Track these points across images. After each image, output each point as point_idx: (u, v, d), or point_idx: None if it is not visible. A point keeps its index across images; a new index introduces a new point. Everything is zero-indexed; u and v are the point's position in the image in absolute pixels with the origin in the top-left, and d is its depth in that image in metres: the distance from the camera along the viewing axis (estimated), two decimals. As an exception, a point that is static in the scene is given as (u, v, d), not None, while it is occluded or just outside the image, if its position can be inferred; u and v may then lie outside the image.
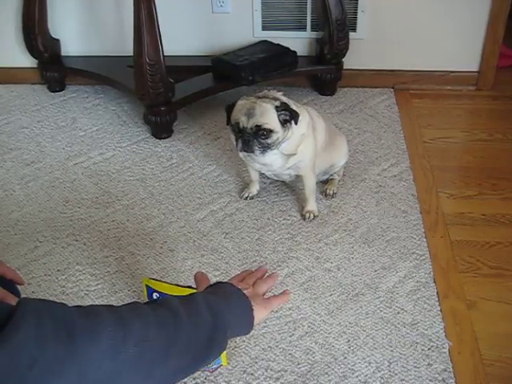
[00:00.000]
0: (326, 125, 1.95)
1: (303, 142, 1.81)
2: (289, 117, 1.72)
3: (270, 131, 1.69)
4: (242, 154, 1.84)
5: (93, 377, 0.80)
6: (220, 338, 1.00)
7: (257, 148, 1.71)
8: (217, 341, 0.99)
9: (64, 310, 0.83)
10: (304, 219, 1.92)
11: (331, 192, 2.01)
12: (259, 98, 1.74)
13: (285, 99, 1.78)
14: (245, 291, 1.12)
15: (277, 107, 1.70)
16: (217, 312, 1.00)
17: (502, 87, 2.68)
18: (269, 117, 1.69)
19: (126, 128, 2.44)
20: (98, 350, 0.80)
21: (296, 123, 1.73)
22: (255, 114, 1.69)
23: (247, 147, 1.72)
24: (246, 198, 2.01)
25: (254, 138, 1.70)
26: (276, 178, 2.02)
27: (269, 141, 1.71)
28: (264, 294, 1.20)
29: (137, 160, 2.24)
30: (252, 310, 1.08)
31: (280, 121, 1.71)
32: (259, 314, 1.11)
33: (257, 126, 1.68)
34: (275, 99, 1.74)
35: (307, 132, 1.81)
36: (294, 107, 1.77)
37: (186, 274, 1.71)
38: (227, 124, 1.79)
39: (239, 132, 1.72)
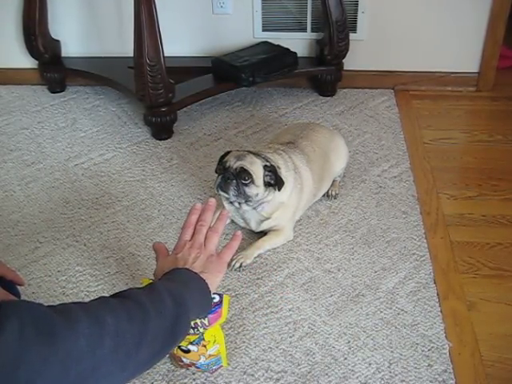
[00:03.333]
0: (314, 164, 1.89)
1: (280, 210, 1.80)
2: (273, 181, 1.71)
3: (252, 180, 1.68)
4: (227, 206, 1.80)
5: (75, 373, 0.84)
6: (183, 323, 1.06)
7: (233, 189, 1.68)
8: (181, 326, 1.05)
9: (42, 310, 0.85)
10: (228, 266, 1.56)
11: (333, 193, 2.01)
12: (253, 153, 1.74)
13: (280, 162, 1.77)
14: (198, 260, 1.20)
15: (265, 166, 1.71)
16: (178, 298, 1.05)
17: (502, 88, 2.68)
18: (256, 168, 1.69)
19: (127, 129, 2.44)
20: (77, 347, 0.84)
21: (279, 190, 1.73)
22: (244, 159, 1.69)
23: (224, 184, 1.69)
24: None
25: (235, 178, 1.68)
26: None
27: (247, 190, 1.69)
28: (216, 247, 1.28)
29: (137, 161, 2.24)
30: (210, 292, 1.16)
31: (264, 180, 1.71)
32: (215, 281, 1.21)
33: (242, 167, 1.68)
34: (267, 159, 1.74)
35: (287, 201, 1.80)
36: (283, 171, 1.76)
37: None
38: (216, 171, 1.77)
39: (223, 170, 1.71)
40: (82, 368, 0.84)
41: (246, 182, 1.69)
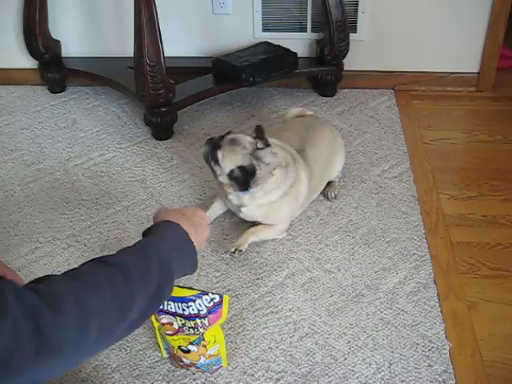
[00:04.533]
0: (315, 171, 1.90)
1: (272, 209, 1.80)
2: (238, 180, 1.72)
3: (219, 163, 1.72)
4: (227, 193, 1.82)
5: (64, 359, 0.86)
6: (165, 290, 1.06)
7: (210, 150, 1.75)
8: (161, 293, 1.05)
9: (31, 300, 0.84)
10: (228, 251, 1.77)
11: (333, 194, 2.01)
12: (249, 150, 1.73)
13: (282, 163, 1.77)
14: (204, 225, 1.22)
15: (240, 167, 1.71)
16: (165, 265, 1.05)
17: (502, 88, 2.68)
18: (227, 160, 1.72)
19: (127, 129, 2.44)
20: (65, 337, 0.85)
21: (239, 191, 1.75)
22: (229, 145, 1.72)
23: (212, 152, 1.73)
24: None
25: (215, 147, 1.73)
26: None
27: (217, 165, 1.73)
28: None
29: (137, 161, 2.24)
30: (196, 254, 1.15)
31: (230, 174, 1.72)
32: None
33: (216, 145, 1.72)
34: (255, 157, 1.72)
35: (279, 202, 1.80)
36: (277, 172, 1.75)
37: (186, 275, 1.71)
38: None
39: (211, 142, 1.76)
40: (69, 354, 0.86)
41: (216, 158, 1.72)
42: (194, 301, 1.30)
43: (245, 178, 1.71)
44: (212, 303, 1.32)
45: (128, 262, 1.01)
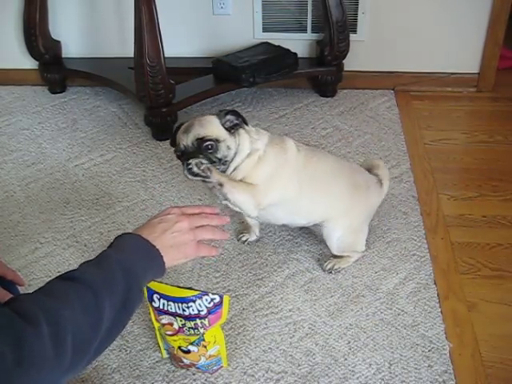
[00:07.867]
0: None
1: (255, 161, 1.52)
2: (235, 119, 1.47)
3: (216, 141, 1.44)
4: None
5: (44, 373, 0.86)
6: (134, 296, 1.05)
7: (205, 166, 1.43)
8: (132, 300, 1.04)
9: (7, 314, 0.85)
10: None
11: (330, 266, 1.73)
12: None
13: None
14: (185, 234, 1.15)
15: (218, 115, 1.48)
16: (129, 272, 1.04)
17: (502, 89, 2.68)
18: (210, 126, 1.46)
19: (127, 129, 2.44)
20: (44, 351, 0.85)
21: (246, 124, 1.49)
22: (194, 127, 1.46)
23: (194, 169, 1.44)
24: (244, 241, 1.83)
25: (199, 153, 1.44)
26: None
27: (218, 154, 1.45)
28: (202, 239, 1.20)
29: (137, 161, 2.24)
30: (162, 257, 1.12)
31: (225, 128, 1.47)
32: (176, 258, 1.16)
33: (198, 138, 1.44)
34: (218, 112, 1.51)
35: (263, 155, 1.52)
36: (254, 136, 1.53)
37: (187, 276, 1.72)
38: (171, 145, 1.58)
39: (183, 154, 1.47)
40: (49, 366, 0.87)
41: (212, 148, 1.45)
42: (194, 301, 1.30)
43: (234, 111, 1.52)
44: (212, 303, 1.32)
45: (91, 273, 1.01)
